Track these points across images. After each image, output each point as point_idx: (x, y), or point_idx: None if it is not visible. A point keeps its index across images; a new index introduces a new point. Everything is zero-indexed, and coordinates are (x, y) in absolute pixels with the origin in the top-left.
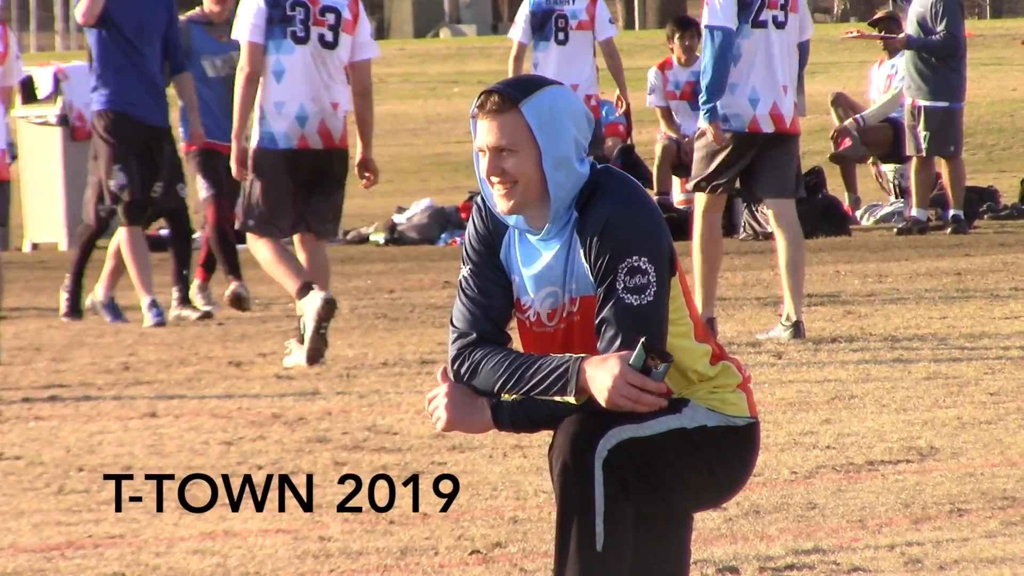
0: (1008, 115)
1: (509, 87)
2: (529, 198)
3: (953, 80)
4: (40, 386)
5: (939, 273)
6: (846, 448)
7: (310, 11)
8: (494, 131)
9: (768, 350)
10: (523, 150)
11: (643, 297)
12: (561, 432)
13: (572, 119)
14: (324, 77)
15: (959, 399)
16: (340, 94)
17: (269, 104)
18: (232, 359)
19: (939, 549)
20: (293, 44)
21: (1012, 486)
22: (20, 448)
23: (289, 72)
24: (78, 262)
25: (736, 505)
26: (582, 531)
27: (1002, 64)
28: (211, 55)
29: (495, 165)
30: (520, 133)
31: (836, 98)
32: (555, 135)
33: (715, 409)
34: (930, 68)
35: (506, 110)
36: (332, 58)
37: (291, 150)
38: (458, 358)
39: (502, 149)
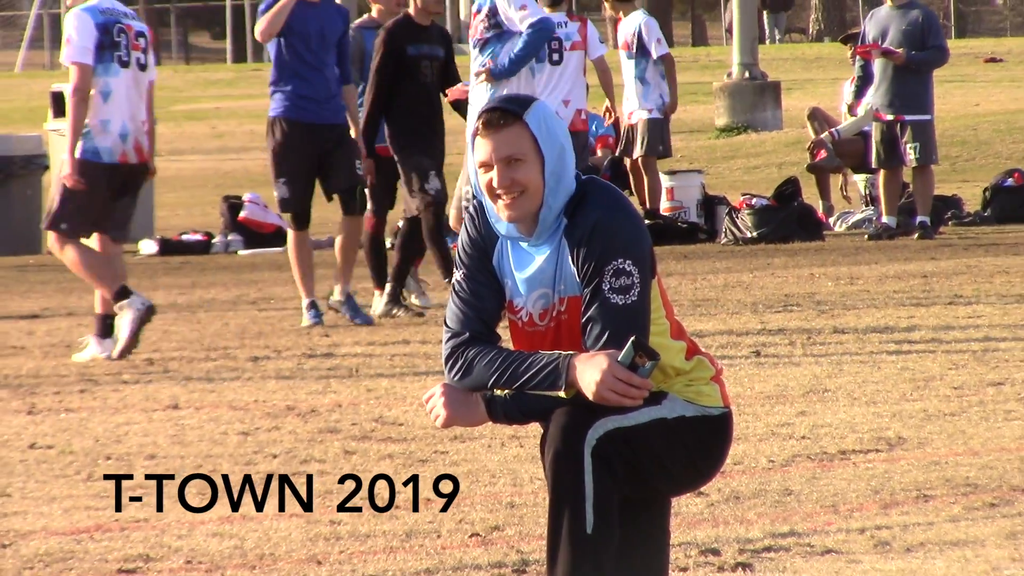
0: (971, 129)
1: (508, 103)
2: (533, 205)
3: (930, 94)
4: (70, 380)
5: (907, 276)
6: (820, 438)
7: (129, 37)
8: (503, 143)
9: (747, 346)
10: (530, 159)
11: (628, 297)
12: (553, 423)
13: (560, 130)
14: (138, 98)
15: (925, 393)
16: (145, 112)
17: (95, 121)
18: (249, 355)
19: (906, 532)
20: (119, 67)
21: (974, 474)
22: (52, 438)
23: (115, 93)
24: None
25: (717, 491)
26: (573, 515)
27: (966, 81)
28: None
29: (505, 176)
30: (526, 143)
31: (812, 112)
32: (552, 143)
33: (692, 400)
34: (913, 84)
35: (511, 123)
36: (143, 79)
37: (113, 164)
38: (452, 356)
39: (512, 159)
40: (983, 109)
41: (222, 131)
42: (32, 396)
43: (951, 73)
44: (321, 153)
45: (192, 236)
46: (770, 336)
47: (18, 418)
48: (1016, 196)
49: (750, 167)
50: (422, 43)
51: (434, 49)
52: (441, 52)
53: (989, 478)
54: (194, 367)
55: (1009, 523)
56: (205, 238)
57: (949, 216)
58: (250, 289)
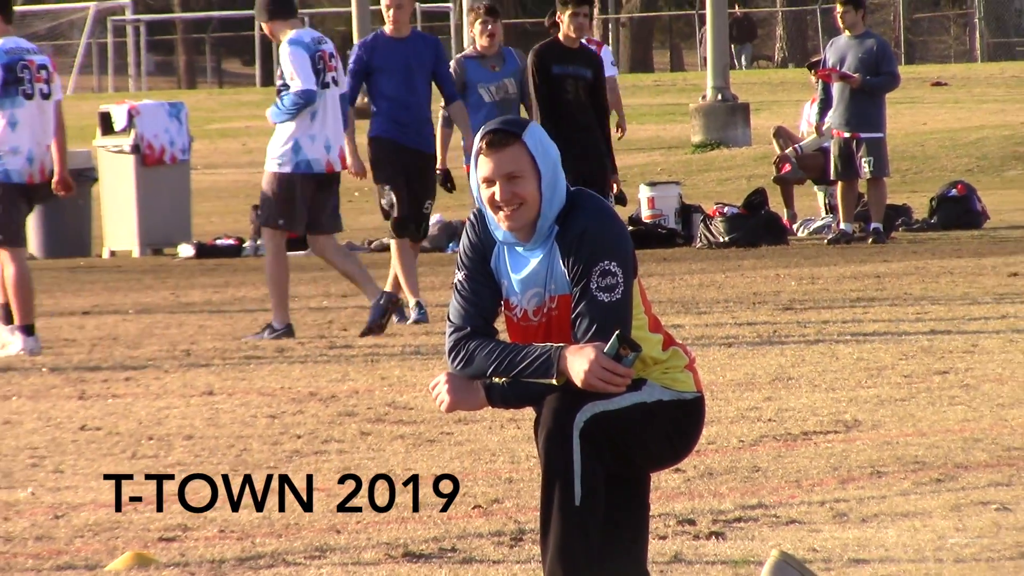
0: (919, 145)
1: (508, 125)
2: (530, 216)
3: (882, 114)
4: (117, 369)
5: (862, 276)
6: (784, 421)
7: (31, 71)
8: (505, 161)
9: (720, 339)
10: (528, 175)
11: (613, 295)
12: (545, 408)
13: (552, 147)
14: (43, 123)
15: (878, 380)
16: (50, 136)
17: (6, 148)
18: (276, 346)
19: (862, 505)
20: (24, 100)
21: (922, 453)
22: (100, 420)
23: (21, 123)
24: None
25: (692, 468)
26: (563, 489)
27: (914, 102)
28: (486, 83)
29: (507, 190)
30: (524, 160)
31: (777, 131)
32: (546, 160)
33: (668, 387)
34: (867, 105)
35: (512, 142)
36: (47, 107)
37: (23, 184)
38: (455, 348)
39: (512, 175)
40: (929, 127)
41: (252, 147)
42: (82, 383)
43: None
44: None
45: (225, 241)
46: (740, 329)
47: (70, 403)
48: (959, 205)
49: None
50: (567, 64)
51: (579, 70)
52: (588, 73)
53: (935, 456)
54: (227, 357)
55: (953, 497)
56: (237, 243)
57: (899, 223)
58: None
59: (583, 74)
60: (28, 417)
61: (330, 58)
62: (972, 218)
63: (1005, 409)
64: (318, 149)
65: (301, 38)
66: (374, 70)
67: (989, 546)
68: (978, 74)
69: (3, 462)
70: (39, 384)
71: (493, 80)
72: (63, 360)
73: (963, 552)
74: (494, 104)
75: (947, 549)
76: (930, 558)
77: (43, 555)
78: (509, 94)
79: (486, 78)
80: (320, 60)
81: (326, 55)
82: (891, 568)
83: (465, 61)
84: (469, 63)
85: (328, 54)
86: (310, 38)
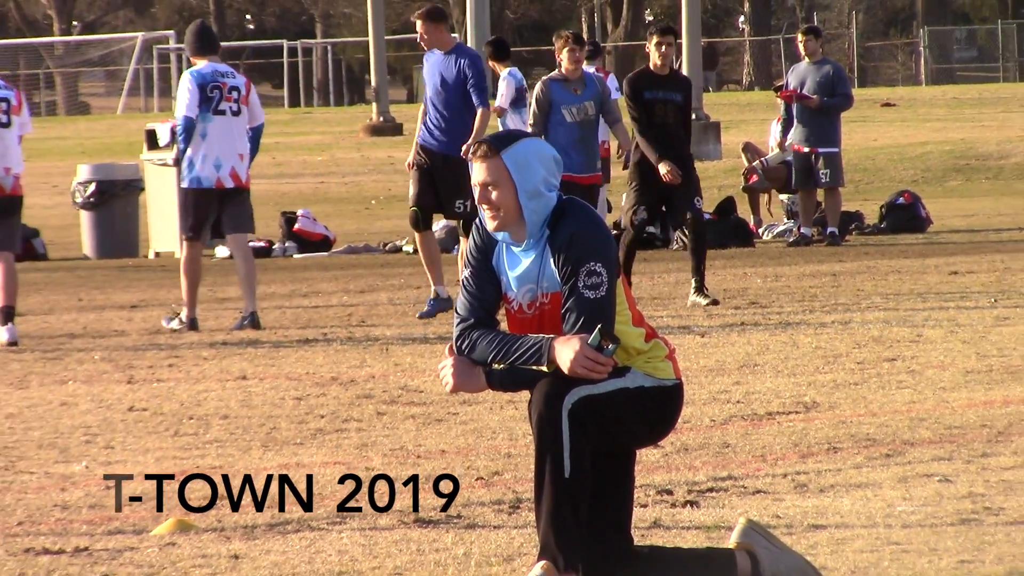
0: (871, 159)
1: (494, 140)
2: (509, 221)
3: (838, 131)
4: (161, 356)
5: (820, 275)
6: (751, 403)
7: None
8: (482, 171)
9: (694, 330)
10: (503, 186)
11: (598, 292)
12: (537, 391)
13: (541, 163)
14: (3, 149)
15: (834, 367)
16: (12, 160)
17: None
18: (302, 337)
19: (820, 477)
20: None
21: (873, 431)
22: (147, 402)
23: None
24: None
25: (670, 444)
26: (554, 463)
27: (866, 121)
28: (568, 105)
29: (483, 196)
30: (501, 174)
31: (745, 146)
32: (527, 175)
33: (650, 374)
34: (825, 123)
35: (491, 156)
36: (8, 135)
37: None
38: (460, 337)
39: (487, 185)
40: (880, 143)
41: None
42: (131, 369)
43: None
44: (434, 173)
45: (257, 243)
46: (711, 321)
47: (120, 387)
48: (906, 211)
49: None
50: (657, 89)
51: (669, 94)
52: (678, 97)
53: (885, 434)
54: (258, 346)
55: (901, 470)
56: (267, 244)
57: (853, 227)
58: (302, 285)
59: (673, 98)
60: (82, 399)
61: (230, 90)
62: (917, 223)
63: (947, 392)
64: (208, 168)
65: (200, 70)
66: None
67: (932, 514)
68: (923, 96)
69: (60, 439)
70: (92, 370)
71: (575, 102)
72: (114, 349)
73: (909, 519)
74: (575, 124)
75: (895, 516)
76: (880, 524)
77: (96, 521)
78: (588, 115)
79: (569, 100)
80: (215, 90)
81: (225, 87)
82: (846, 533)
83: (551, 83)
84: (554, 85)
85: (229, 87)
86: (210, 71)
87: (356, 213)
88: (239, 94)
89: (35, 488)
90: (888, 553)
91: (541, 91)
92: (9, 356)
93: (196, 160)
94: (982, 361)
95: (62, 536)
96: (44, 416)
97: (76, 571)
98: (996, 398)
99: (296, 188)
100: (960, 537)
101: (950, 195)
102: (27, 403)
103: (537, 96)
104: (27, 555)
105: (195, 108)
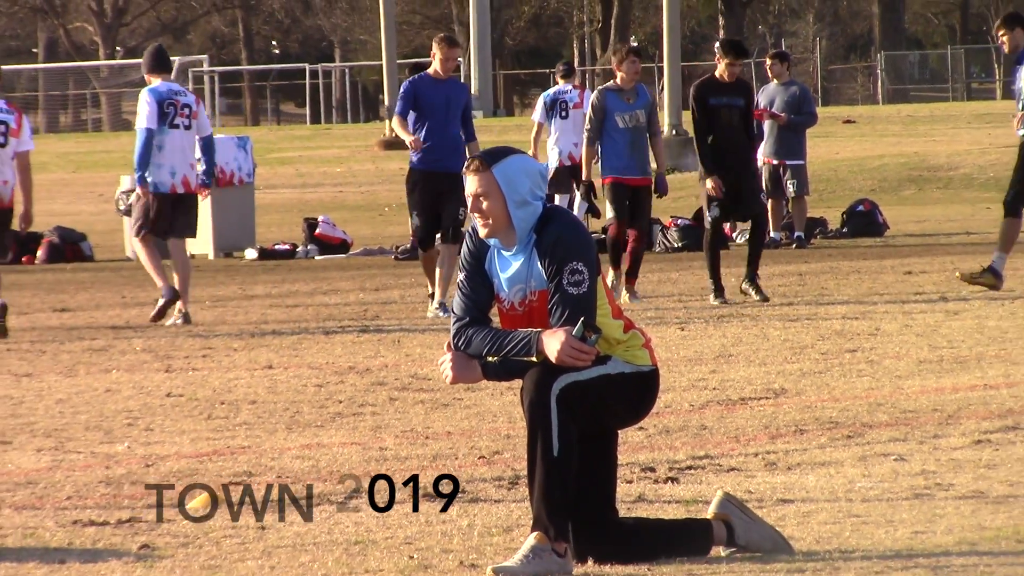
0: (833, 170)
1: (486, 155)
2: (499, 228)
3: (804, 146)
4: (196, 348)
5: (787, 274)
6: (726, 389)
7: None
8: (474, 183)
9: (674, 324)
10: (493, 197)
11: (580, 288)
12: (528, 379)
13: (528, 176)
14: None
15: (801, 357)
16: (8, 175)
17: None
18: (323, 329)
19: (787, 456)
20: None
21: (836, 415)
22: (183, 388)
23: None
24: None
25: (652, 426)
26: (544, 444)
27: (829, 136)
28: (621, 112)
29: (475, 205)
30: (491, 186)
31: None
32: (515, 187)
33: (629, 361)
34: (792, 138)
35: (483, 170)
36: (3, 153)
37: None
38: (457, 334)
39: (479, 196)
40: (841, 156)
41: (303, 172)
42: (168, 359)
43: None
44: (438, 193)
45: (282, 246)
46: (690, 316)
47: (158, 375)
48: (865, 217)
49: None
50: (722, 95)
51: (733, 99)
52: (741, 102)
53: (846, 417)
54: (283, 338)
55: (860, 450)
56: (291, 247)
57: (817, 232)
58: (322, 284)
59: (736, 103)
60: (125, 386)
61: (183, 107)
62: (875, 228)
63: (902, 380)
64: (164, 175)
65: (157, 88)
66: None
67: (889, 489)
68: (880, 114)
69: (105, 422)
70: (133, 360)
71: (628, 110)
72: (153, 341)
73: (868, 494)
74: (627, 130)
75: (856, 491)
76: (842, 498)
77: (137, 496)
78: (640, 122)
79: (622, 108)
80: (171, 106)
81: (179, 104)
82: (811, 506)
83: (606, 93)
84: (609, 95)
85: (181, 104)
86: (166, 89)
87: (371, 219)
88: (190, 110)
89: (82, 466)
90: (849, 525)
91: (597, 99)
92: (60, 348)
93: (154, 168)
94: (934, 352)
95: (106, 509)
96: (90, 401)
97: (119, 540)
98: (946, 385)
99: (317, 196)
100: (914, 510)
101: (905, 203)
102: (75, 390)
103: (593, 104)
104: (75, 526)
105: (155, 121)
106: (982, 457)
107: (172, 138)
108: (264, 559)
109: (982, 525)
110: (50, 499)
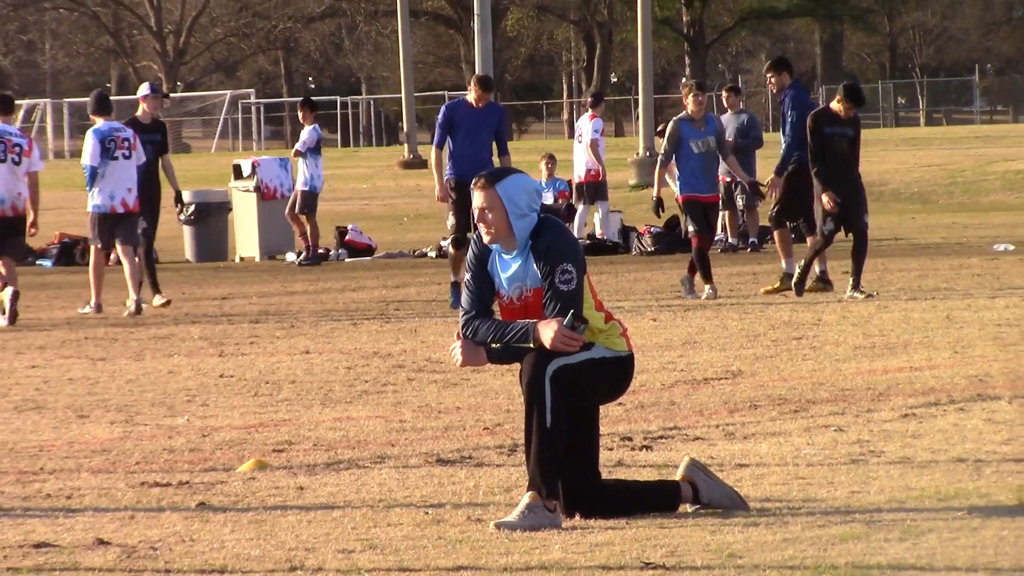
0: None
1: (490, 175)
2: (501, 235)
3: (754, 165)
4: (244, 336)
5: (743, 273)
6: (692, 371)
7: (7, 145)
8: (480, 199)
9: (648, 315)
10: (496, 210)
11: (569, 285)
12: (526, 362)
13: (526, 192)
14: (14, 180)
15: (755, 343)
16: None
17: None
18: (351, 320)
19: (744, 427)
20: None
21: (784, 392)
22: (233, 370)
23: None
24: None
25: (630, 402)
26: (539, 416)
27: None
28: (695, 139)
29: (481, 217)
30: (495, 201)
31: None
32: (515, 201)
33: (609, 347)
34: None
35: (488, 187)
36: (17, 170)
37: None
38: (465, 325)
39: (484, 209)
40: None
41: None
42: (221, 345)
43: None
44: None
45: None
46: (661, 309)
47: (212, 359)
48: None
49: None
50: (836, 125)
51: (844, 129)
52: (850, 131)
53: (793, 395)
54: (318, 327)
55: (805, 422)
56: (325, 251)
57: (768, 238)
58: (351, 282)
59: (847, 132)
60: (185, 368)
61: (123, 141)
62: None
63: (841, 363)
64: (104, 198)
65: (99, 128)
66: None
67: (829, 455)
68: None
69: (167, 399)
70: (192, 346)
71: (699, 137)
72: (208, 329)
73: (812, 459)
74: (700, 155)
75: (802, 457)
76: (790, 463)
77: (195, 461)
78: (711, 147)
79: (694, 135)
80: (112, 142)
81: (119, 139)
82: (764, 470)
83: (681, 123)
84: (683, 124)
85: (122, 138)
86: (108, 127)
87: (392, 227)
88: (129, 143)
89: (148, 436)
90: (796, 486)
91: (673, 129)
92: (129, 335)
93: (97, 193)
94: (867, 339)
95: (169, 472)
96: (155, 381)
97: (179, 499)
98: (878, 367)
99: (346, 208)
100: (851, 473)
101: None
102: (142, 371)
103: (669, 133)
104: (142, 487)
105: (97, 158)
106: (908, 428)
107: (112, 168)
108: (302, 514)
109: (909, 486)
110: (121, 464)
